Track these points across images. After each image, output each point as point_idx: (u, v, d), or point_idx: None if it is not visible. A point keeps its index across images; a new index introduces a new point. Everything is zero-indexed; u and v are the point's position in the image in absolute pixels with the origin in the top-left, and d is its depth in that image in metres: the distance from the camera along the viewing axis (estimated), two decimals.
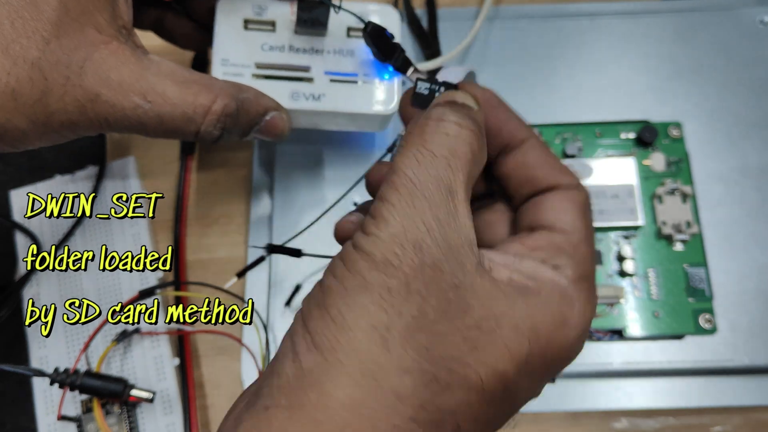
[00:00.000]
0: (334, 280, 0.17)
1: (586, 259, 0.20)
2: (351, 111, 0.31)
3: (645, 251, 0.36)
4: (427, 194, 0.18)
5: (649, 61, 0.40)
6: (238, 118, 0.27)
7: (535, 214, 0.21)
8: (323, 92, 0.31)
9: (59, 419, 0.35)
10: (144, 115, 0.24)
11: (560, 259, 0.19)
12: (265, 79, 0.31)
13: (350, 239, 0.18)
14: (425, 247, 0.17)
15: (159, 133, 0.26)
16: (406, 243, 0.17)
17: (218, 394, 0.37)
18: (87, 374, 0.34)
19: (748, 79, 0.40)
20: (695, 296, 0.35)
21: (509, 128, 0.21)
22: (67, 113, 0.24)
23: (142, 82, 0.24)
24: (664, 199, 0.37)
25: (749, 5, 0.41)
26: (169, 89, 0.25)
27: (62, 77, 0.23)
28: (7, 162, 0.43)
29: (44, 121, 0.23)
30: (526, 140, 0.21)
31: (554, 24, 0.42)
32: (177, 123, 0.25)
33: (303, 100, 0.31)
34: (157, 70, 0.25)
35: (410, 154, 0.18)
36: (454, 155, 0.18)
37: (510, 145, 0.21)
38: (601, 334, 0.35)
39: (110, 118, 0.24)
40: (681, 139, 0.38)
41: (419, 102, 0.22)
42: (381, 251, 0.17)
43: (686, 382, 0.35)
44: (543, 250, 0.19)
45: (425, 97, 0.22)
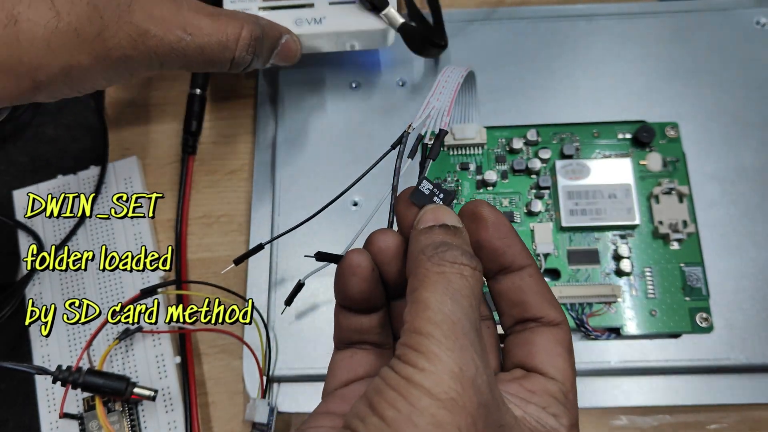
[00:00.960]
0: (395, 412, 0.17)
1: (575, 406, 0.21)
2: (351, 30, 0.34)
3: (642, 250, 0.36)
4: (466, 332, 0.18)
5: (646, 61, 0.41)
6: (262, 42, 0.31)
7: (528, 354, 0.21)
8: (324, 15, 0.35)
9: (61, 417, 0.35)
10: (187, 47, 0.28)
11: (556, 407, 0.20)
12: (271, 10, 0.35)
13: (390, 367, 0.18)
14: (478, 385, 0.17)
15: (200, 63, 0.29)
16: (464, 381, 0.17)
17: (220, 392, 0.37)
18: (89, 372, 0.34)
19: (744, 79, 0.40)
20: (692, 295, 0.35)
21: (513, 252, 0.22)
22: (122, 48, 0.27)
23: (179, 17, 0.28)
24: (661, 199, 0.37)
25: (745, 6, 0.42)
26: (203, 22, 0.28)
27: (115, 15, 0.26)
28: (11, 162, 0.43)
29: (104, 55, 0.26)
30: (526, 267, 0.22)
31: (552, 25, 0.42)
32: (215, 52, 0.29)
33: (306, 25, 0.35)
34: (188, 6, 0.28)
35: (440, 291, 0.19)
36: (473, 295, 0.19)
37: (510, 267, 0.22)
38: (599, 332, 0.35)
39: (158, 51, 0.27)
40: (678, 139, 0.39)
41: (417, 197, 0.23)
42: (442, 389, 0.17)
43: (683, 380, 0.35)
44: (541, 397, 0.21)
45: (425, 195, 0.23)
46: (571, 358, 0.22)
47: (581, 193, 0.37)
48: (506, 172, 0.39)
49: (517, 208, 0.38)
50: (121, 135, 0.43)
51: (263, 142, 0.41)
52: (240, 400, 0.37)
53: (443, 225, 0.21)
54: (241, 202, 0.41)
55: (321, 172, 0.39)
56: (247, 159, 0.42)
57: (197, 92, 0.42)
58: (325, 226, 0.38)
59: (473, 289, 0.19)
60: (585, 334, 0.35)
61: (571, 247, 0.37)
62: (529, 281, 0.22)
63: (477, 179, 0.38)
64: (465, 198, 0.38)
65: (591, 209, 0.37)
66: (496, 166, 0.39)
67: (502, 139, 0.39)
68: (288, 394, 0.36)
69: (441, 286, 0.19)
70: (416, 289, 0.19)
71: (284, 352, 0.36)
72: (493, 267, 0.22)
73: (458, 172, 0.39)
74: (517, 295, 0.22)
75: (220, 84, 0.44)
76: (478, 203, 0.22)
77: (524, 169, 0.38)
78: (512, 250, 0.22)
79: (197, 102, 0.42)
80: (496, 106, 0.40)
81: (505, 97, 0.40)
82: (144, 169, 0.42)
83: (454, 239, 0.21)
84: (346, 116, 0.41)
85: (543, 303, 0.22)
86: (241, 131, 0.43)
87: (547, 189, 0.38)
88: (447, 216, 0.22)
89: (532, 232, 0.37)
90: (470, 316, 0.19)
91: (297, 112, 0.41)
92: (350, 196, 0.38)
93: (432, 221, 0.21)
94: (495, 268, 0.22)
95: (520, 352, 0.22)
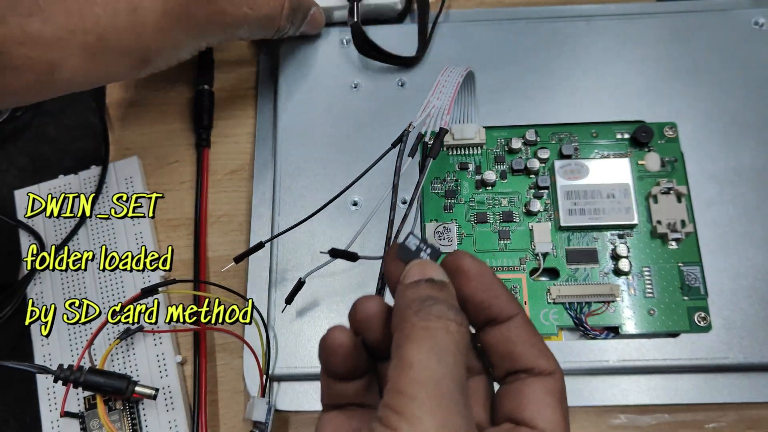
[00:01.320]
0: None
1: None
2: None
3: (640, 250, 0.37)
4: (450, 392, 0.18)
5: (644, 62, 0.41)
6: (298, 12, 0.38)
7: (518, 406, 0.21)
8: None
9: (62, 416, 0.35)
10: (250, 21, 0.35)
11: None
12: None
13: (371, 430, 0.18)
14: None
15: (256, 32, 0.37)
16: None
17: (220, 391, 0.37)
18: (90, 371, 0.34)
19: (742, 79, 0.40)
20: (690, 294, 0.36)
21: (499, 303, 0.22)
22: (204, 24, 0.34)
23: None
24: (659, 199, 0.37)
25: (743, 7, 0.42)
26: None
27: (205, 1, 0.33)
28: (12, 162, 0.44)
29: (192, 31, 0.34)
30: (514, 317, 0.22)
31: (551, 26, 0.42)
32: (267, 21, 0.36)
33: None
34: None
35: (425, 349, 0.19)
36: (459, 351, 0.19)
37: (497, 319, 0.22)
38: (597, 332, 0.35)
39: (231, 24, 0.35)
40: (676, 139, 0.39)
41: (404, 253, 0.22)
42: None
43: (681, 380, 0.35)
44: None
45: (411, 252, 0.22)
46: (563, 408, 0.21)
47: (580, 192, 0.37)
48: (505, 172, 0.39)
49: (515, 207, 0.38)
50: (122, 135, 0.44)
51: (263, 142, 0.42)
52: (240, 399, 0.37)
53: (429, 279, 0.21)
54: (242, 202, 0.41)
55: (321, 172, 0.39)
56: (248, 159, 0.42)
57: (205, 87, 0.43)
58: (325, 226, 0.38)
59: (459, 345, 0.19)
60: (583, 334, 0.35)
61: (569, 247, 0.37)
62: (517, 332, 0.22)
63: (476, 179, 0.39)
64: (464, 198, 0.38)
65: (589, 209, 0.37)
66: (495, 166, 0.39)
67: (501, 139, 0.39)
68: (288, 393, 0.36)
69: (426, 342, 0.19)
70: (400, 346, 0.19)
71: (284, 351, 0.36)
72: (480, 319, 0.22)
73: (457, 172, 0.39)
74: (506, 347, 0.21)
75: (221, 84, 0.44)
76: (460, 255, 0.22)
77: (523, 169, 0.39)
78: (498, 301, 0.22)
79: (206, 97, 0.43)
80: (495, 106, 0.40)
81: (504, 98, 0.41)
82: (145, 169, 0.42)
83: (440, 294, 0.20)
84: (346, 116, 0.41)
85: (533, 353, 0.21)
86: (241, 131, 0.43)
87: (545, 189, 0.38)
88: (433, 271, 0.21)
89: (530, 231, 0.37)
90: (455, 374, 0.18)
91: (297, 112, 0.41)
92: (350, 195, 0.39)
93: (418, 276, 0.21)
94: (482, 320, 0.22)
95: (510, 405, 0.21)
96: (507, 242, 0.37)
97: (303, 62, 0.42)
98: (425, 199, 0.38)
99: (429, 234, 0.37)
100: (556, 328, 0.35)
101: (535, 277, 0.36)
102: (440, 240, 0.37)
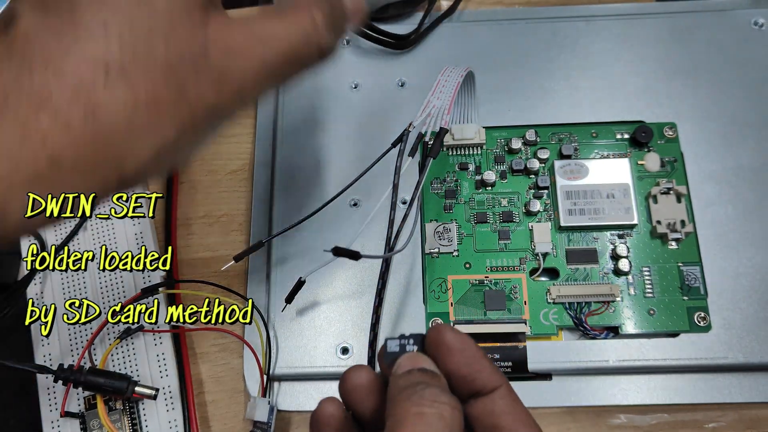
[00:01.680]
0: None
1: None
2: None
3: (640, 250, 0.37)
4: None
5: (644, 62, 0.41)
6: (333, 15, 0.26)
7: None
8: None
9: (63, 416, 0.35)
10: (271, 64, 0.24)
11: None
12: None
13: None
14: None
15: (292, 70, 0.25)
16: None
17: (220, 391, 0.37)
18: (91, 371, 0.34)
19: (742, 80, 0.40)
20: (690, 294, 0.36)
21: (482, 377, 0.22)
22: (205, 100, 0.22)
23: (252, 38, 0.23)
24: (659, 199, 0.37)
25: (743, 7, 0.42)
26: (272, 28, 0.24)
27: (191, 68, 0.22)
28: None
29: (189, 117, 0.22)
30: (497, 389, 0.22)
31: (551, 26, 0.42)
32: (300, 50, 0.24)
33: None
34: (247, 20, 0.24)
35: None
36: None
37: (481, 392, 0.22)
38: (597, 331, 0.35)
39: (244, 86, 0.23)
40: (676, 140, 0.39)
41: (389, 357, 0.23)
42: None
43: (681, 379, 0.35)
44: None
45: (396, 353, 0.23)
46: None
47: (580, 192, 0.37)
48: (505, 172, 0.39)
49: (515, 207, 0.38)
50: None
51: (263, 142, 0.42)
52: (240, 399, 0.37)
53: (421, 369, 0.21)
54: (242, 201, 0.41)
55: (321, 172, 0.40)
56: (248, 159, 0.42)
57: None
58: (325, 226, 0.38)
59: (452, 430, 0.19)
60: (583, 334, 0.35)
61: (569, 247, 0.37)
62: (500, 404, 0.22)
63: (476, 179, 0.39)
64: (464, 198, 0.38)
65: (589, 209, 0.37)
66: (495, 166, 0.39)
67: (501, 140, 0.39)
68: (288, 393, 0.36)
69: (419, 428, 0.19)
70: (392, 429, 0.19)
71: (284, 351, 0.36)
72: (464, 393, 0.22)
73: (457, 172, 0.39)
74: (490, 419, 0.21)
75: None
76: (441, 329, 0.22)
77: (523, 169, 0.39)
78: (481, 375, 0.22)
79: None
80: (495, 106, 0.40)
81: (504, 98, 0.41)
82: None
83: (432, 380, 0.21)
84: (346, 116, 0.41)
85: (516, 425, 0.21)
86: (241, 131, 0.43)
87: (545, 189, 0.38)
88: (424, 361, 0.22)
89: (530, 231, 0.37)
90: None
91: (297, 112, 0.41)
92: (350, 195, 0.39)
93: (409, 366, 0.21)
94: (466, 394, 0.22)
95: None
96: (507, 242, 0.37)
97: None
98: (425, 199, 0.38)
99: (429, 234, 0.37)
100: (555, 328, 0.35)
101: (535, 277, 0.36)
102: (440, 240, 0.37)
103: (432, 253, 0.37)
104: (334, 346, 0.36)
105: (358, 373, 0.23)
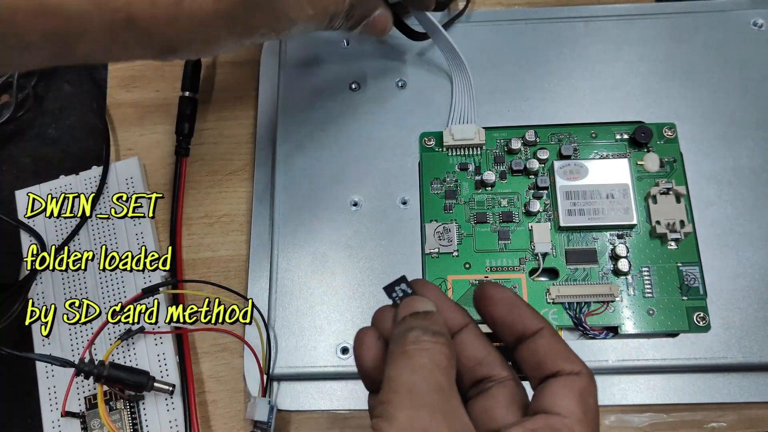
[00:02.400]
0: None
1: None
2: None
3: (639, 250, 0.37)
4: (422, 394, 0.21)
5: (643, 62, 0.41)
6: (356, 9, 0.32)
7: (538, 401, 0.23)
8: None
9: (63, 415, 0.35)
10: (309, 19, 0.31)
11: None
12: None
13: None
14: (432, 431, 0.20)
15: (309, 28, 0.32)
16: None
17: (220, 391, 0.38)
18: (113, 366, 0.34)
19: (741, 80, 0.40)
20: (689, 294, 0.36)
21: (523, 320, 0.24)
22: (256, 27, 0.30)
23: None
24: (658, 199, 0.37)
25: (742, 7, 0.42)
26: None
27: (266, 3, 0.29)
28: (13, 162, 0.44)
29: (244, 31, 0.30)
30: (539, 330, 0.24)
31: (550, 27, 0.42)
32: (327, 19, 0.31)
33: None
34: None
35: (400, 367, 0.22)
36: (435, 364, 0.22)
37: (525, 334, 0.24)
38: (597, 331, 0.35)
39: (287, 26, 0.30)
40: (675, 140, 0.39)
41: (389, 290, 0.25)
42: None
43: (680, 379, 0.35)
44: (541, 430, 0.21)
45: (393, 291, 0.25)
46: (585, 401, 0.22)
47: (579, 193, 0.37)
48: (504, 172, 0.39)
49: (515, 208, 0.38)
50: (123, 136, 0.44)
51: (264, 142, 0.42)
52: (241, 399, 0.37)
53: (414, 313, 0.24)
54: (242, 202, 0.41)
55: (321, 172, 0.40)
56: (248, 159, 0.42)
57: (187, 95, 0.42)
58: (325, 226, 0.38)
59: (433, 358, 0.22)
60: (583, 333, 0.35)
61: (569, 247, 0.37)
62: (542, 342, 0.24)
63: (476, 179, 0.39)
64: (464, 198, 0.38)
65: (589, 209, 0.37)
66: (495, 167, 0.39)
67: (501, 140, 0.39)
68: (288, 393, 0.36)
69: (402, 362, 0.22)
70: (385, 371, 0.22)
71: (284, 350, 0.36)
72: (512, 338, 0.24)
73: (457, 173, 0.39)
74: (535, 358, 0.23)
75: (221, 84, 0.45)
76: (485, 286, 0.25)
77: (522, 170, 0.39)
78: (522, 318, 0.24)
79: (188, 105, 0.42)
80: (495, 106, 0.40)
81: (503, 98, 0.41)
82: (145, 170, 0.43)
83: (421, 322, 0.23)
84: (346, 116, 0.41)
85: (558, 359, 0.23)
86: (241, 131, 0.43)
87: (545, 189, 0.38)
88: (418, 303, 0.24)
89: (530, 231, 0.37)
90: (430, 381, 0.21)
91: (297, 112, 0.41)
92: (350, 195, 0.39)
93: (404, 313, 0.24)
94: (513, 339, 0.24)
95: (535, 402, 0.23)
96: (507, 242, 0.37)
97: (303, 62, 0.42)
98: (425, 199, 0.38)
99: (429, 234, 0.37)
100: (555, 327, 0.35)
101: (534, 277, 0.36)
102: (440, 240, 0.37)
103: (432, 254, 0.37)
104: (334, 346, 0.36)
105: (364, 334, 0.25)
